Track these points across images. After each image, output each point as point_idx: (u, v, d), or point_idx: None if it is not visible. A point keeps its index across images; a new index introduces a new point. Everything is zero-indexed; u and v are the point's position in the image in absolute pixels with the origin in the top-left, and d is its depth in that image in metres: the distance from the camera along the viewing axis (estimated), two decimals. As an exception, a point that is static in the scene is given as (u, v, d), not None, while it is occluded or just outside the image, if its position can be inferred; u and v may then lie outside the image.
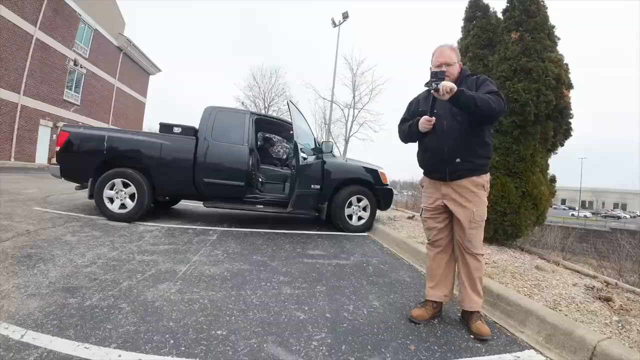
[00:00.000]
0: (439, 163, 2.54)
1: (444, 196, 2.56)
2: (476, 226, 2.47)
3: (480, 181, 2.48)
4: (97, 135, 5.57)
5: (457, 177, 2.47)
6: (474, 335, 2.39)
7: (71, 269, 3.07)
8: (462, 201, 2.47)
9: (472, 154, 2.46)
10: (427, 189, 2.73)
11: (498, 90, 2.43)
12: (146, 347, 1.92)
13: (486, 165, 2.54)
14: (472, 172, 2.46)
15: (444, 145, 2.48)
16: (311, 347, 2.09)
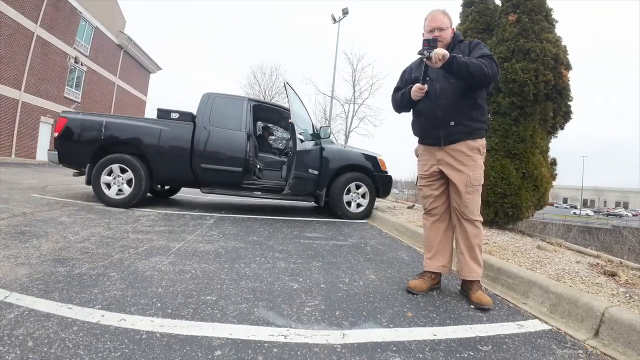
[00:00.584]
0: (433, 127, 2.49)
1: (439, 161, 2.50)
2: (473, 191, 2.40)
3: (475, 145, 2.42)
4: (95, 121, 5.54)
5: (452, 141, 2.42)
6: (475, 305, 2.32)
7: (63, 244, 3.03)
8: (458, 165, 2.41)
9: (467, 117, 2.41)
10: (422, 157, 2.66)
11: (491, 53, 2.38)
12: (131, 309, 1.87)
13: (481, 129, 2.48)
14: (466, 136, 2.40)
15: (438, 109, 2.43)
16: (304, 312, 2.04)
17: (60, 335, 1.54)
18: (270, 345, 1.61)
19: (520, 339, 1.90)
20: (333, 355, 1.56)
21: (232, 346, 1.57)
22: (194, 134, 5.58)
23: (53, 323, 1.64)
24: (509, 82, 4.64)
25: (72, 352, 1.41)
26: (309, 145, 5.59)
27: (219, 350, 1.52)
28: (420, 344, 1.74)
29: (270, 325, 1.82)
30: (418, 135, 2.68)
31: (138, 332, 1.63)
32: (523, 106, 4.63)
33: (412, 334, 1.85)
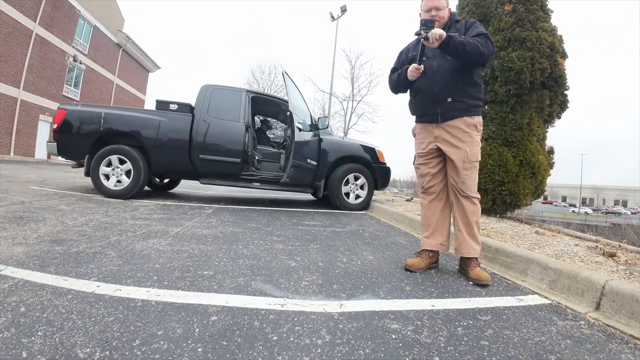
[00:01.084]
0: (430, 104, 2.49)
1: (436, 138, 2.50)
2: (470, 167, 2.40)
3: (472, 121, 2.42)
4: (94, 112, 5.53)
5: (449, 118, 2.43)
6: (473, 281, 2.32)
7: (61, 228, 3.02)
8: (455, 141, 2.41)
9: (463, 93, 2.42)
10: (419, 135, 2.66)
11: (487, 32, 2.39)
12: (127, 281, 1.87)
13: (478, 107, 2.48)
14: (463, 112, 2.41)
15: (435, 85, 2.44)
16: (301, 285, 2.03)
17: (53, 302, 1.53)
18: (267, 312, 1.61)
19: (520, 310, 1.90)
20: (330, 322, 1.56)
21: (229, 312, 1.57)
22: (192, 125, 5.57)
23: (47, 292, 1.64)
24: (506, 70, 4.66)
25: (65, 317, 1.40)
26: (308, 136, 5.58)
27: (214, 316, 1.52)
28: (419, 313, 1.74)
29: (268, 296, 1.81)
30: (415, 113, 2.68)
31: (133, 300, 1.62)
32: (520, 94, 4.64)
33: (410, 305, 1.85)
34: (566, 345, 1.51)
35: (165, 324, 1.41)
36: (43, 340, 1.21)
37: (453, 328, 1.59)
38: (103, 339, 1.25)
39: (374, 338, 1.43)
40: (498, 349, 1.42)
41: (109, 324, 1.37)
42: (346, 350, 1.31)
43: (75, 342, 1.22)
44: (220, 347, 1.26)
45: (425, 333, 1.51)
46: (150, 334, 1.31)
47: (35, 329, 1.29)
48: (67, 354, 1.14)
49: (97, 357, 1.14)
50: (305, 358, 1.24)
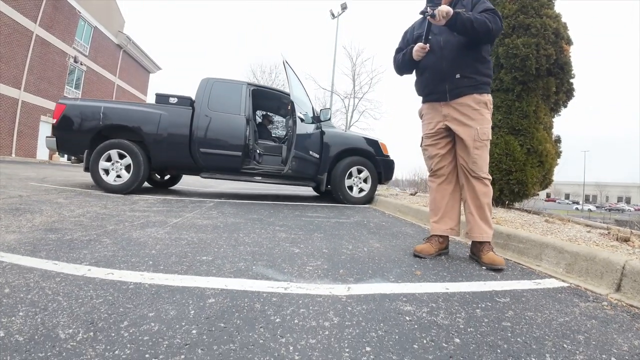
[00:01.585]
0: (438, 81, 2.36)
1: (445, 117, 2.38)
2: (481, 145, 2.28)
3: (482, 99, 2.30)
4: (94, 106, 5.43)
5: (458, 95, 2.31)
6: (487, 265, 2.19)
7: (57, 218, 2.92)
8: (465, 120, 2.29)
9: (472, 69, 2.29)
10: (426, 115, 2.54)
11: (494, 8, 2.28)
12: (121, 266, 1.76)
13: (487, 84, 2.35)
14: (473, 89, 2.29)
15: (442, 61, 2.32)
16: (305, 270, 1.92)
17: (40, 284, 1.42)
18: (269, 295, 1.50)
19: (540, 293, 1.78)
20: (338, 304, 1.44)
21: (228, 295, 1.46)
22: (192, 118, 5.46)
23: (35, 275, 1.53)
24: (511, 57, 4.54)
25: (50, 298, 1.29)
26: (310, 128, 5.47)
27: (212, 299, 1.40)
28: (433, 296, 1.62)
29: (270, 280, 1.70)
30: (422, 92, 2.55)
31: (125, 283, 1.51)
32: (526, 81, 4.52)
33: (422, 288, 1.73)
34: (592, 325, 1.39)
35: (157, 305, 1.30)
36: (24, 321, 1.10)
37: (471, 310, 1.47)
38: (88, 320, 1.14)
39: (386, 320, 1.32)
40: (522, 330, 1.30)
41: (96, 305, 1.26)
42: (357, 333, 1.20)
43: (58, 323, 1.10)
44: (217, 329, 1.14)
45: (441, 315, 1.40)
46: (140, 316, 1.20)
47: (17, 309, 1.18)
48: (47, 334, 1.03)
49: (79, 337, 1.03)
50: (311, 340, 1.13)
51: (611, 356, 1.15)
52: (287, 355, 1.02)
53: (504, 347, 1.16)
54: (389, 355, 1.06)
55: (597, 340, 1.26)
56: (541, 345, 1.19)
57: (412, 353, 1.09)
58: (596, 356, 1.14)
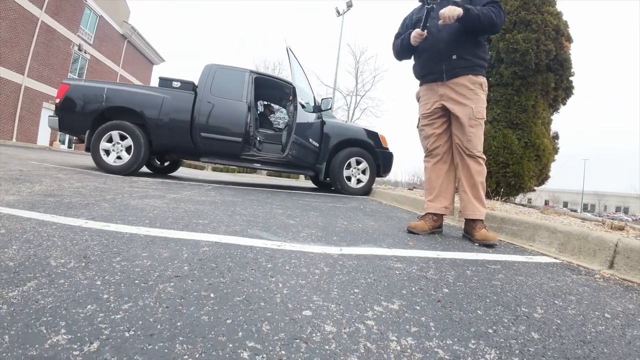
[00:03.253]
0: (435, 61, 2.41)
1: (441, 97, 2.43)
2: (476, 124, 2.32)
3: (477, 80, 2.35)
4: (97, 87, 5.44)
5: (454, 75, 2.36)
6: (479, 242, 2.21)
7: (57, 187, 2.93)
8: (461, 99, 2.34)
9: (468, 51, 2.34)
10: (423, 96, 2.58)
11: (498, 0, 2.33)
12: (117, 221, 1.78)
13: (483, 67, 2.40)
14: (469, 70, 2.34)
15: (439, 42, 2.37)
16: (300, 236, 1.94)
17: (36, 229, 1.44)
18: (262, 248, 1.52)
19: (531, 265, 1.80)
20: (329, 259, 1.46)
21: (221, 246, 1.48)
22: (194, 103, 5.48)
23: (32, 222, 1.55)
24: (511, 52, 4.57)
25: (45, 238, 1.31)
26: (311, 117, 5.49)
27: (206, 247, 1.42)
28: (424, 259, 1.64)
29: (264, 239, 1.71)
30: (419, 73, 2.59)
31: (120, 233, 1.53)
32: (525, 76, 4.55)
33: (414, 253, 1.75)
34: (584, 290, 1.41)
35: (151, 249, 1.32)
36: (16, 252, 1.12)
37: (461, 271, 1.49)
38: (81, 255, 1.16)
39: (376, 272, 1.34)
40: (512, 288, 1.32)
41: (91, 246, 1.28)
42: (346, 279, 1.22)
43: (50, 255, 1.12)
44: (208, 268, 1.16)
45: (431, 272, 1.42)
46: (133, 254, 1.22)
47: (11, 244, 1.20)
48: (39, 262, 1.05)
49: (70, 266, 1.04)
50: (301, 281, 1.14)
51: (604, 313, 1.16)
52: (276, 289, 1.04)
53: (493, 298, 1.18)
54: (376, 296, 1.08)
55: (589, 301, 1.27)
56: (531, 300, 1.21)
57: (400, 296, 1.10)
58: (589, 312, 1.15)
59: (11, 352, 0.59)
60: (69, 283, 0.91)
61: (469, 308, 1.07)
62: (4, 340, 0.62)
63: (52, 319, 0.72)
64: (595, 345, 0.92)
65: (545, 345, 0.88)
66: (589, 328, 1.02)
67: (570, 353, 0.85)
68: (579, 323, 1.05)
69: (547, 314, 1.10)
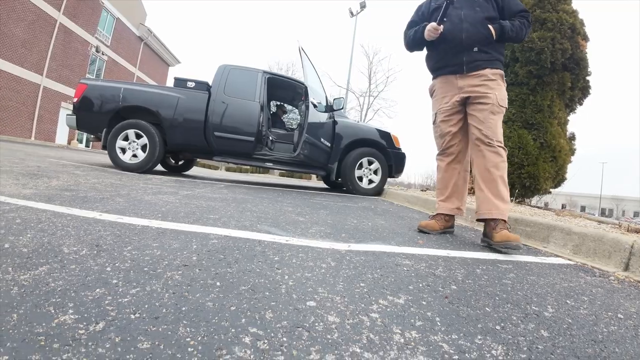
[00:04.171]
0: (455, 52, 2.29)
1: (460, 89, 2.31)
2: (498, 112, 2.20)
3: (497, 72, 2.26)
4: (114, 87, 5.56)
5: (475, 68, 2.25)
6: (500, 245, 1.93)
7: (73, 182, 3.00)
8: (482, 88, 2.23)
9: (490, 45, 2.26)
10: (439, 90, 2.46)
11: (527, 9, 2.35)
12: (130, 214, 1.80)
13: (501, 62, 2.33)
14: (488, 63, 2.25)
15: (461, 33, 2.26)
16: (308, 232, 1.94)
17: (51, 219, 1.47)
18: (270, 242, 1.52)
19: (544, 266, 1.76)
20: (337, 254, 1.46)
21: (230, 239, 1.49)
22: (208, 103, 5.54)
23: (47, 214, 1.58)
24: (526, 50, 4.50)
25: (59, 228, 1.34)
26: (323, 117, 5.49)
27: (215, 240, 1.44)
28: (433, 257, 1.62)
29: (272, 234, 1.72)
30: (436, 65, 2.46)
31: (133, 225, 1.56)
32: (540, 75, 4.48)
33: (423, 251, 1.74)
34: (597, 292, 1.37)
35: (162, 240, 1.34)
36: (30, 240, 1.15)
37: (471, 269, 1.47)
38: (94, 244, 1.18)
39: (383, 268, 1.33)
40: (523, 287, 1.30)
41: (103, 236, 1.30)
42: (353, 274, 1.21)
43: (64, 243, 1.15)
44: (216, 259, 1.18)
45: (440, 269, 1.40)
46: (144, 245, 1.24)
47: (25, 232, 1.23)
48: (52, 249, 1.07)
49: (82, 253, 1.07)
50: (307, 274, 1.15)
51: (617, 314, 1.14)
52: (282, 281, 1.04)
53: (502, 296, 1.16)
54: (382, 291, 1.08)
55: (602, 302, 1.24)
56: (542, 299, 1.19)
57: (406, 292, 1.10)
58: (601, 313, 1.13)
59: (17, 330, 0.60)
60: (80, 269, 0.93)
61: (476, 305, 1.05)
62: (12, 318, 0.64)
63: (61, 300, 0.74)
64: (606, 344, 0.90)
65: (554, 344, 0.86)
66: (600, 328, 1.00)
67: (580, 352, 0.84)
68: (591, 323, 1.03)
69: (558, 313, 1.07)
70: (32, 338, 0.60)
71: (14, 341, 0.58)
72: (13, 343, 0.58)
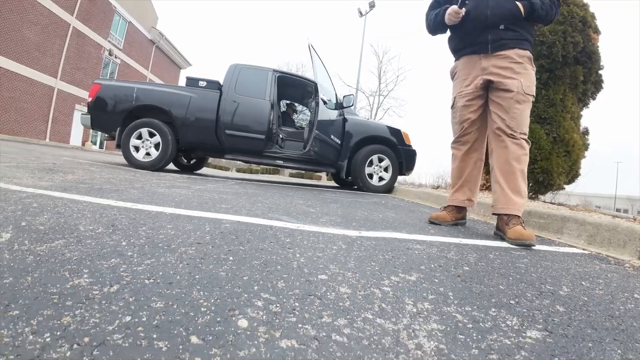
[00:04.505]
0: (480, 30, 2.14)
1: (483, 71, 2.15)
2: (524, 100, 2.05)
3: (525, 54, 2.09)
4: (127, 87, 5.64)
5: (501, 47, 2.09)
6: (513, 241, 1.82)
7: (88, 177, 3.05)
8: (508, 72, 2.07)
9: (517, 23, 2.09)
10: (461, 71, 2.30)
11: None
12: (144, 203, 1.83)
13: (530, 42, 2.16)
14: (516, 43, 2.08)
15: (486, 10, 2.09)
16: (319, 221, 1.94)
17: (68, 205, 1.50)
18: (281, 228, 1.53)
19: (559, 254, 1.73)
20: (348, 239, 1.46)
21: (242, 224, 1.50)
22: (220, 101, 5.59)
23: (64, 200, 1.61)
24: (537, 44, 4.44)
25: (75, 212, 1.37)
26: (333, 114, 5.49)
27: (227, 224, 1.45)
28: (444, 244, 1.61)
29: (283, 222, 1.73)
30: (459, 45, 2.31)
31: (147, 210, 1.58)
32: (552, 69, 4.42)
33: (435, 239, 1.72)
34: (613, 277, 1.35)
35: (176, 222, 1.35)
36: (46, 220, 1.17)
37: (483, 254, 1.46)
38: (109, 224, 1.20)
39: (394, 250, 1.33)
40: (537, 271, 1.28)
41: (118, 218, 1.33)
42: (364, 255, 1.21)
43: (80, 223, 1.17)
44: (228, 239, 1.19)
45: (452, 253, 1.40)
46: (158, 226, 1.26)
47: (42, 214, 1.25)
48: (68, 228, 1.10)
49: (98, 231, 1.09)
50: (319, 254, 1.15)
51: (634, 294, 1.12)
52: (294, 258, 1.05)
53: (516, 277, 1.15)
54: (393, 269, 1.07)
55: (617, 284, 1.22)
56: (557, 280, 1.17)
57: (418, 270, 1.09)
58: (617, 293, 1.11)
59: (31, 290, 0.62)
60: (96, 243, 0.95)
61: (490, 283, 1.04)
62: (26, 280, 0.66)
63: (76, 267, 0.75)
64: (624, 319, 0.88)
65: (571, 317, 0.85)
66: (617, 306, 0.98)
67: (597, 325, 0.82)
68: (607, 301, 1.01)
69: (573, 292, 1.06)
70: (45, 297, 0.61)
71: (26, 299, 0.60)
72: (25, 300, 0.59)
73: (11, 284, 0.65)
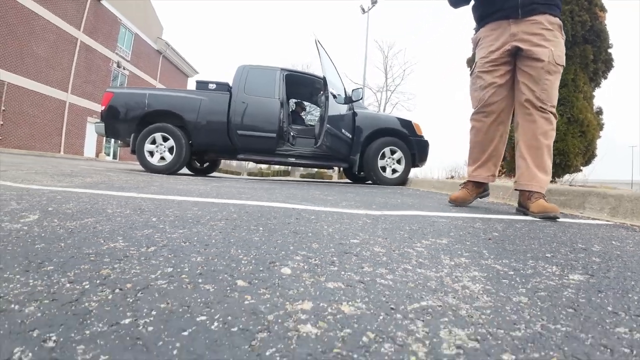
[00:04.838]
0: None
1: (513, 36, 2.00)
2: (555, 71, 1.93)
3: (555, 20, 1.98)
4: (139, 94, 5.72)
5: (531, 12, 1.97)
6: (537, 215, 1.78)
7: (107, 179, 3.09)
8: (538, 39, 1.94)
9: None
10: (487, 37, 2.15)
11: None
12: (166, 194, 1.85)
13: (560, 8, 2.05)
14: (547, 7, 1.97)
15: None
16: (340, 204, 1.94)
17: (90, 196, 1.53)
18: (303, 209, 1.53)
19: (583, 224, 1.70)
20: (371, 217, 1.45)
21: (264, 207, 1.51)
22: (230, 102, 5.62)
23: (87, 194, 1.64)
24: (546, 24, 4.41)
25: (99, 200, 1.39)
26: (342, 108, 5.48)
27: (251, 207, 1.46)
28: (469, 218, 1.60)
29: (304, 205, 1.73)
30: (486, 11, 2.16)
31: (170, 200, 1.60)
32: (562, 49, 4.39)
33: (458, 214, 1.71)
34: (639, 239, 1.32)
35: (201, 206, 1.37)
36: (73, 206, 1.20)
37: (510, 224, 1.44)
38: (136, 207, 1.22)
39: (420, 223, 1.32)
40: (566, 235, 1.26)
41: (142, 205, 1.34)
42: (391, 227, 1.21)
43: (106, 207, 1.20)
44: (255, 216, 1.19)
45: (478, 224, 1.38)
46: (184, 209, 1.28)
47: (68, 202, 1.28)
48: (95, 211, 1.12)
49: (126, 213, 1.11)
50: (345, 227, 1.14)
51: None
52: (322, 229, 1.05)
53: (547, 239, 1.14)
54: (423, 236, 1.07)
55: (645, 244, 1.20)
56: (587, 241, 1.16)
57: (448, 237, 1.08)
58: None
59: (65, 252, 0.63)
60: (126, 220, 0.97)
61: (522, 244, 1.03)
62: (59, 246, 0.67)
63: (109, 236, 0.77)
64: (663, 269, 0.86)
65: (608, 265, 0.83)
66: (654, 259, 0.96)
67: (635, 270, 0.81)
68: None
69: (606, 248, 1.04)
70: (80, 256, 0.62)
71: (60, 258, 0.61)
72: (60, 259, 0.60)
73: (44, 248, 0.66)
